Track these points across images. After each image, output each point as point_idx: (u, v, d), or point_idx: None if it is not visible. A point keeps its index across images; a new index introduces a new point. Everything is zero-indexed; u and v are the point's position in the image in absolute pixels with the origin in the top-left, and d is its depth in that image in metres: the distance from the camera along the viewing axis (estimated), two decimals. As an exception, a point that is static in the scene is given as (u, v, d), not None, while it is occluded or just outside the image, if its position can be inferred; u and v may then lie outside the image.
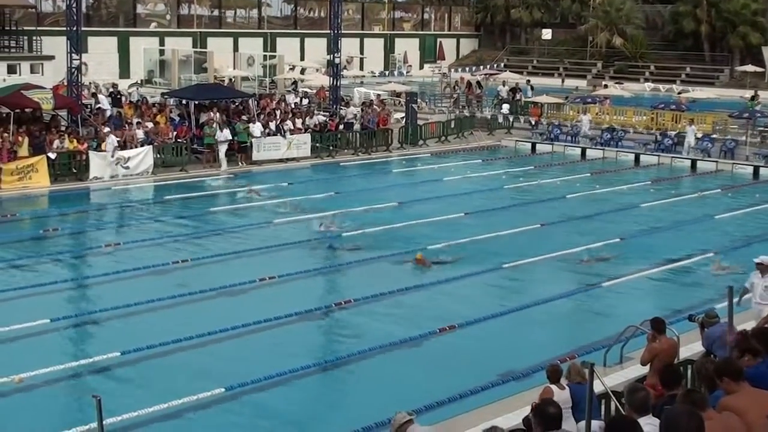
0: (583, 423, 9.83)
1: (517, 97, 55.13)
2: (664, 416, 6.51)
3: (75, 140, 34.06)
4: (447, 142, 46.03)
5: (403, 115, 47.30)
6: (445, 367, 16.94)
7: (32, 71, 54.76)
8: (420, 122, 46.16)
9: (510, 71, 72.11)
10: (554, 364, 12.79)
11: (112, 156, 33.66)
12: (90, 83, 47.33)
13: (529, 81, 60.82)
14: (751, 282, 16.60)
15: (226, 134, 36.48)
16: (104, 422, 8.07)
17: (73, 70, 37.17)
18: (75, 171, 33.57)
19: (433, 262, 23.71)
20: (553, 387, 11.89)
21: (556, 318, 20.24)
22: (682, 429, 6.28)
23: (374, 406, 14.55)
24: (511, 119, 50.30)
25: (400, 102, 54.24)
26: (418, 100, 51.11)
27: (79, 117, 36.39)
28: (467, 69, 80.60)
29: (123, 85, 53.53)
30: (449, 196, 32.92)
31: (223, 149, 36.46)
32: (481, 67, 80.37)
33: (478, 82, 60.98)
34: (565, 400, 11.59)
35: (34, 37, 58.52)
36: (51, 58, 54.97)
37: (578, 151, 44.16)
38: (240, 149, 37.95)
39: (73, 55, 36.97)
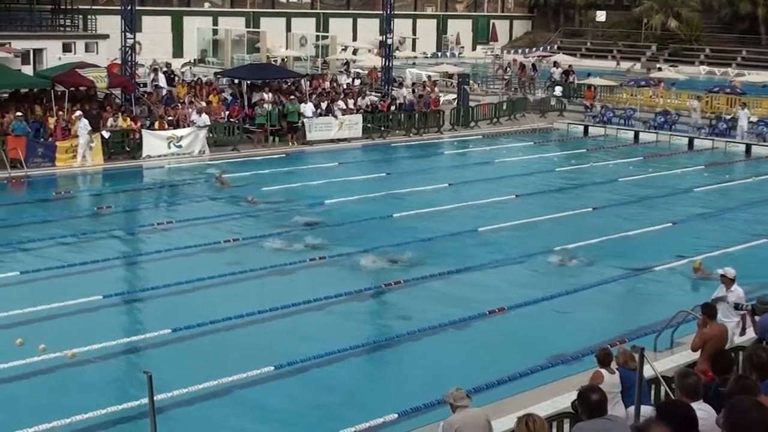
0: (632, 408, 9.78)
1: (570, 79, 54.70)
2: (730, 408, 6.26)
3: (128, 119, 34.38)
4: (499, 124, 45.76)
5: (455, 96, 47.13)
6: (494, 349, 16.90)
7: (87, 50, 55.28)
8: (472, 104, 45.97)
9: (563, 53, 71.44)
10: (604, 348, 12.71)
11: (85, 139, 32.43)
12: (157, 61, 47.52)
13: (556, 62, 59.86)
14: (716, 296, 15.41)
15: (205, 119, 35.05)
16: (155, 398, 8.16)
17: (127, 49, 37.49)
18: (128, 149, 33.90)
19: (388, 262, 23.14)
20: (603, 371, 11.81)
21: (607, 302, 20.11)
22: (752, 422, 6.01)
23: (422, 386, 14.58)
24: (564, 102, 49.95)
25: (452, 83, 54.02)
26: (470, 81, 50.87)
27: (132, 96, 36.74)
28: (520, 51, 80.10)
29: (176, 64, 53.89)
30: (500, 178, 32.78)
31: (202, 135, 34.97)
32: (534, 48, 79.75)
33: (533, 64, 60.57)
34: (614, 384, 11.52)
35: (89, 16, 59.04)
36: (105, 37, 55.45)
37: (631, 134, 43.73)
38: (291, 129, 38.07)
39: (127, 34, 37.29)
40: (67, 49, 54.86)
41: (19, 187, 29.86)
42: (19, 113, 31.93)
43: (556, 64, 58.44)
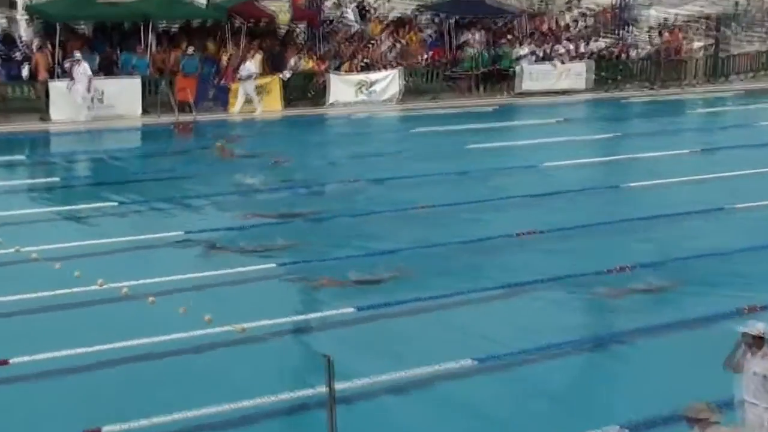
0: None
1: None
2: None
3: (313, 59, 34.83)
4: (762, 78, 44.45)
5: (706, 43, 45.95)
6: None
7: (268, -23, 56.45)
8: (728, 54, 44.77)
9: None
10: None
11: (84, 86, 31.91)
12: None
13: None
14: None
15: (250, 68, 33.63)
16: (334, 386, 8.24)
17: (315, -23, 38.13)
18: (311, 95, 34.41)
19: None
20: None
21: None
22: None
23: (652, 395, 14.31)
24: None
25: (703, 27, 52.60)
26: (733, 24, 49.37)
27: (318, 32, 37.20)
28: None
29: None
30: (761, 146, 31.77)
31: (250, 88, 33.65)
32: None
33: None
34: None
35: (271, -61, 60.32)
36: (290, -38, 56.48)
37: None
38: (502, 77, 37.92)
39: (316, -40, 37.95)
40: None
41: (187, 134, 30.88)
42: (190, 49, 32.81)
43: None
